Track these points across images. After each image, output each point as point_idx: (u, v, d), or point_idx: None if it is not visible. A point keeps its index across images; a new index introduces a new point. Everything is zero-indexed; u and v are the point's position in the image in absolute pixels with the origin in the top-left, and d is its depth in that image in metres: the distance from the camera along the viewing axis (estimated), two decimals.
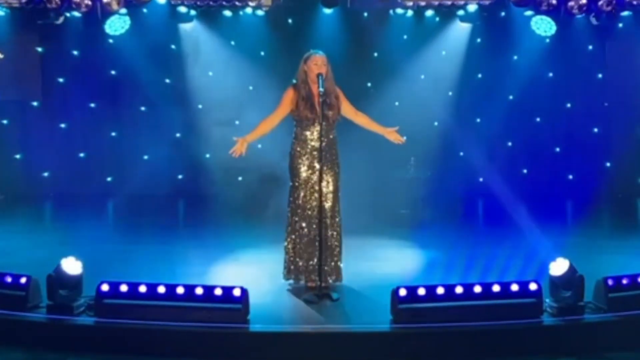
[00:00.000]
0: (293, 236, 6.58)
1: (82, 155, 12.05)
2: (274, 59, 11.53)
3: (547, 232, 9.16)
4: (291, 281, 6.62)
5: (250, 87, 12.00)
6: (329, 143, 6.50)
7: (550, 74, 12.04)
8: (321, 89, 6.26)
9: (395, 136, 6.78)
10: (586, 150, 12.35)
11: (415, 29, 11.81)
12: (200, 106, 11.76)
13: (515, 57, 11.86)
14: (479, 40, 11.96)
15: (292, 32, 11.66)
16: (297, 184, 6.57)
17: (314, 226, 6.43)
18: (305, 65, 6.52)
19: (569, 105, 12.39)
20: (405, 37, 11.90)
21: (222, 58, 11.64)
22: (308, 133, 6.50)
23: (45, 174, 11.93)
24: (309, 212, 6.51)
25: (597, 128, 12.45)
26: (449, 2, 10.57)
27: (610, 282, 5.71)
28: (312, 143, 6.48)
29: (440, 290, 5.58)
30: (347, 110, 6.69)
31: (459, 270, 7.14)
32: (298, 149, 6.56)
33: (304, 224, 6.52)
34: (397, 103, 12.10)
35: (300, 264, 6.54)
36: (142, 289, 5.60)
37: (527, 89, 11.87)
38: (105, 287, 5.63)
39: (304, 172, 6.53)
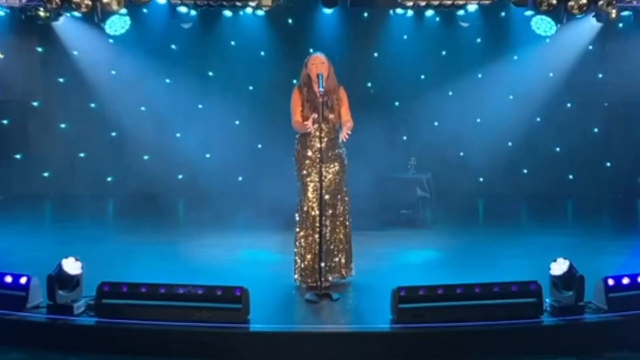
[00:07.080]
0: (301, 234, 6.52)
1: (82, 155, 12.05)
2: (274, 59, 11.54)
3: (547, 232, 9.18)
4: (299, 283, 6.54)
5: (250, 87, 12.03)
6: (330, 143, 6.47)
7: (551, 74, 12.05)
8: (321, 89, 6.22)
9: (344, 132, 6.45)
10: (586, 150, 12.36)
11: (415, 29, 11.82)
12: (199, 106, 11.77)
13: (515, 57, 11.87)
14: (479, 40, 11.96)
15: (292, 32, 11.68)
16: (303, 185, 6.53)
17: (318, 227, 6.37)
18: (307, 68, 6.48)
19: (569, 105, 12.40)
20: (405, 37, 11.91)
21: None
22: (310, 134, 6.45)
23: (45, 174, 11.94)
24: (314, 213, 6.43)
25: (597, 128, 12.46)
26: (449, 2, 10.55)
27: (610, 282, 5.71)
28: (314, 144, 6.44)
29: (440, 290, 5.57)
30: (343, 113, 6.53)
31: (459, 270, 7.15)
32: (302, 151, 6.53)
33: (309, 224, 6.48)
34: (397, 103, 12.12)
35: (305, 264, 6.50)
36: (142, 289, 5.59)
37: (527, 89, 11.89)
38: (105, 287, 5.62)
39: (308, 173, 6.49)
